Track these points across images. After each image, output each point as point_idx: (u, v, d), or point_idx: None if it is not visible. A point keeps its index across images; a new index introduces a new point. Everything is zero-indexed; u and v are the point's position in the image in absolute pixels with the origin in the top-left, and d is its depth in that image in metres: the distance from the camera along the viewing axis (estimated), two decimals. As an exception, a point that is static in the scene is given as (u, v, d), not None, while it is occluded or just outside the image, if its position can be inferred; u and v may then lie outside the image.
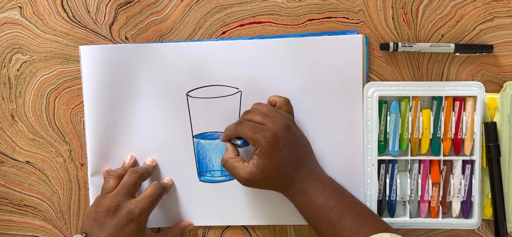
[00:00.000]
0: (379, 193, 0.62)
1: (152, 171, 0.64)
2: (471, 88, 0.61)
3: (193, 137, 0.64)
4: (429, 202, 0.62)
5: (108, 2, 0.63)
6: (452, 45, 0.61)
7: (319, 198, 0.56)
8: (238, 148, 0.60)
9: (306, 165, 0.58)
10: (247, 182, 0.57)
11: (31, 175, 0.66)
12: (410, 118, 0.61)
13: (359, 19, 0.62)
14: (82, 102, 0.64)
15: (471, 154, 0.61)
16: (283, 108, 0.60)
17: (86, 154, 0.65)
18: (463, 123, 0.61)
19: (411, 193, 0.63)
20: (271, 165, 0.56)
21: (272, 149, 0.55)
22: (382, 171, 0.63)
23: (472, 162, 0.61)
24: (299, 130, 0.61)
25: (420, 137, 0.61)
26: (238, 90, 0.63)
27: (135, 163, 0.64)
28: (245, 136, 0.57)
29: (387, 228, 0.55)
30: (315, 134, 0.63)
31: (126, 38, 0.64)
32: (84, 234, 0.57)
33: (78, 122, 0.65)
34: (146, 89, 0.64)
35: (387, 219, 0.62)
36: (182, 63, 0.63)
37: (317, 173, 0.58)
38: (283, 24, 0.63)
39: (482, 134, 0.61)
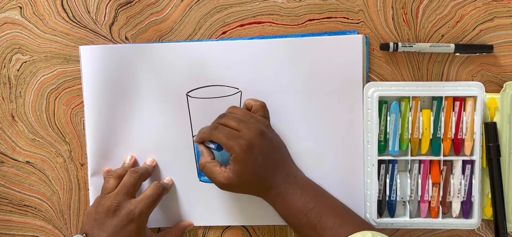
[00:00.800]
0: (379, 193, 0.62)
1: (152, 171, 0.64)
2: (471, 88, 0.61)
3: (193, 137, 0.64)
4: (429, 202, 0.62)
5: (108, 2, 0.63)
6: (452, 45, 0.61)
7: (298, 201, 0.56)
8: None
9: (283, 169, 0.58)
10: (224, 186, 0.57)
11: (31, 175, 0.66)
12: (410, 118, 0.61)
13: (359, 19, 0.62)
14: (82, 102, 0.64)
15: (471, 154, 0.61)
16: (258, 112, 0.60)
17: (86, 154, 0.65)
18: (463, 123, 0.61)
19: (411, 193, 0.63)
20: (246, 172, 0.56)
21: (246, 157, 0.56)
22: (382, 171, 0.63)
23: (472, 162, 0.61)
24: (275, 134, 0.61)
25: (420, 137, 0.61)
26: (238, 90, 0.63)
27: (135, 163, 0.64)
28: (219, 142, 0.57)
29: (368, 226, 0.55)
30: (315, 134, 0.63)
31: (126, 38, 0.64)
32: (84, 234, 0.57)
33: (78, 122, 0.65)
34: (146, 89, 0.64)
35: (387, 219, 0.62)
36: (182, 63, 0.63)
37: (295, 176, 0.59)
38: (283, 24, 0.63)
39: (482, 134, 0.61)
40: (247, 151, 0.55)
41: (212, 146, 0.59)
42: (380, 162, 0.62)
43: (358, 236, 0.52)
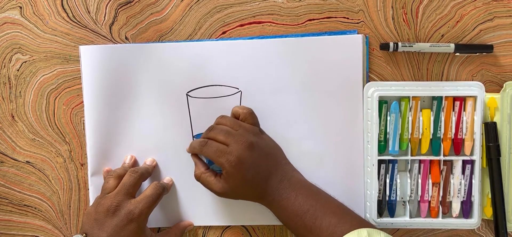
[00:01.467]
0: (379, 193, 0.62)
1: (152, 171, 0.64)
2: (471, 88, 0.61)
3: (193, 137, 0.64)
4: (429, 202, 0.62)
5: (108, 2, 0.63)
6: (452, 45, 0.61)
7: (292, 205, 0.57)
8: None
9: (276, 175, 0.58)
10: (220, 195, 0.59)
11: (31, 175, 0.66)
12: (410, 118, 0.61)
13: (359, 19, 0.62)
14: (82, 102, 0.64)
15: (471, 154, 0.61)
16: (247, 121, 0.60)
17: (86, 154, 0.65)
18: (463, 123, 0.61)
19: (411, 193, 0.63)
20: (239, 184, 0.57)
21: (236, 172, 0.56)
22: (382, 171, 0.63)
23: (472, 162, 0.61)
24: (266, 140, 0.61)
25: (420, 137, 0.61)
26: (238, 90, 0.63)
27: (135, 163, 0.64)
28: (210, 158, 0.58)
29: (364, 224, 0.55)
30: (315, 134, 0.63)
31: (126, 38, 0.64)
32: (84, 234, 0.57)
33: (78, 122, 0.65)
34: (146, 89, 0.64)
35: (387, 219, 0.62)
36: (182, 63, 0.63)
37: (289, 179, 0.59)
38: (283, 24, 0.63)
39: (482, 134, 0.61)
40: (237, 167, 0.56)
41: (205, 160, 0.61)
42: (380, 162, 0.62)
43: (354, 234, 0.52)
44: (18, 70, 0.65)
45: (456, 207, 0.62)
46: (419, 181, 0.62)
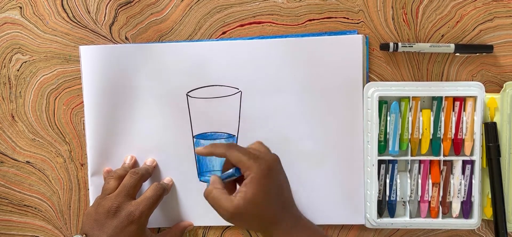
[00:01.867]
0: (379, 193, 0.62)
1: (152, 172, 0.64)
2: (471, 88, 0.61)
3: (193, 137, 0.64)
4: (429, 202, 0.62)
5: (108, 2, 0.63)
6: (452, 45, 0.61)
7: None
8: (224, 181, 0.56)
9: (291, 208, 0.56)
10: (231, 216, 0.53)
11: (31, 175, 0.66)
12: (410, 118, 0.61)
13: (359, 19, 0.62)
14: (82, 102, 0.64)
15: (471, 154, 0.61)
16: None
17: (86, 154, 0.65)
18: (463, 123, 0.61)
19: (411, 193, 0.63)
20: (260, 197, 0.52)
21: (264, 180, 0.52)
22: (382, 171, 0.63)
23: (472, 162, 0.61)
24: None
25: (420, 137, 0.61)
26: (238, 90, 0.63)
27: (135, 164, 0.64)
28: (238, 160, 0.53)
29: None
30: (315, 134, 0.63)
31: (126, 38, 0.64)
32: (84, 235, 0.57)
33: (78, 122, 0.65)
34: (146, 89, 0.64)
35: (387, 220, 0.62)
36: (182, 63, 0.63)
37: (299, 217, 0.56)
38: (283, 24, 0.63)
39: (482, 134, 0.61)
40: (266, 174, 0.53)
41: (230, 172, 0.55)
42: (380, 162, 0.62)
43: None
44: (18, 70, 0.65)
45: (456, 207, 0.62)
46: (419, 181, 0.62)
